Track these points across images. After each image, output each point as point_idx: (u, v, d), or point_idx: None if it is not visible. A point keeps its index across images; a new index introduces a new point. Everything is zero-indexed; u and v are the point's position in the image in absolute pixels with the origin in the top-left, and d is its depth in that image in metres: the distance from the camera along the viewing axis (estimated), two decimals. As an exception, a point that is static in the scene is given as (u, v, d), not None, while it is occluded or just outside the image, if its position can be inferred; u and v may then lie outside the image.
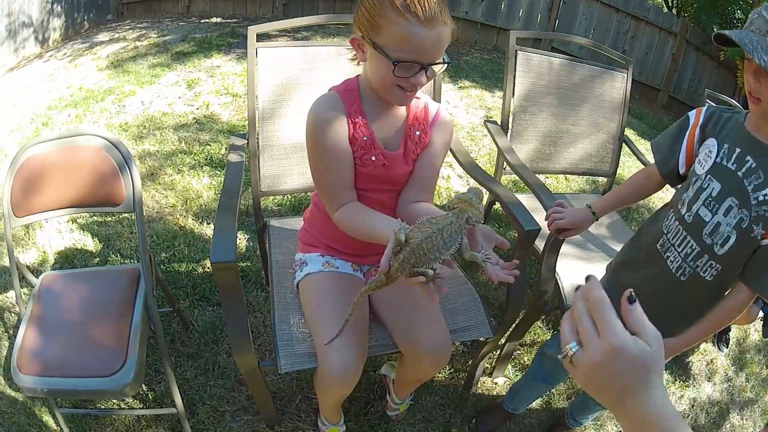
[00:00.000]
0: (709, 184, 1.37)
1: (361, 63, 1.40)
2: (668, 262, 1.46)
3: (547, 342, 1.98)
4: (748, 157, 1.29)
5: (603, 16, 6.55)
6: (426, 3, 1.19)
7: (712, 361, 2.82)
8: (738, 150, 1.32)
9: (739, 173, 1.30)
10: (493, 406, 2.19)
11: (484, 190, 1.22)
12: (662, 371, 0.67)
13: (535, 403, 2.29)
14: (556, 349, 1.87)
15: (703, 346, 2.88)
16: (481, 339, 1.77)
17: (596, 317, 0.67)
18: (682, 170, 1.51)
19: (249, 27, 1.83)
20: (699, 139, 1.46)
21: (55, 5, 5.26)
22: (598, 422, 2.29)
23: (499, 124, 2.39)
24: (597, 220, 1.69)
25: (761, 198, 1.26)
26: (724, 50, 6.44)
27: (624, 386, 0.66)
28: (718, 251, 1.35)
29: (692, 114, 1.50)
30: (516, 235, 1.69)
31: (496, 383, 2.33)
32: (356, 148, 1.42)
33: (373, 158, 1.43)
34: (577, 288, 0.71)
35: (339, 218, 1.43)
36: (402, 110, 1.48)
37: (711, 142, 1.40)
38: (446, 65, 1.33)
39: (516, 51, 2.30)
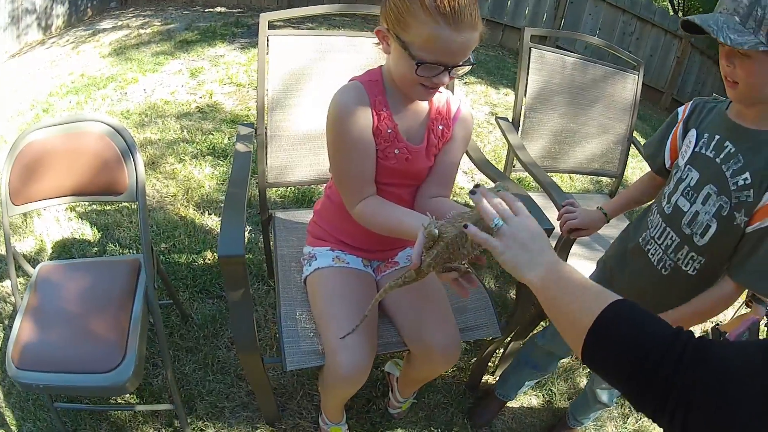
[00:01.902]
0: (687, 174, 1.35)
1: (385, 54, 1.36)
2: (649, 255, 1.44)
3: (539, 332, 1.94)
4: (727, 143, 1.27)
5: (609, 17, 6.53)
6: (457, 5, 1.14)
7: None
8: (717, 137, 1.30)
9: (717, 159, 1.28)
10: (486, 394, 2.18)
11: (505, 186, 1.19)
12: None
13: (536, 402, 2.29)
14: (548, 340, 1.86)
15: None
16: (487, 338, 1.75)
17: (511, 205, 0.98)
18: (667, 164, 1.50)
19: (261, 14, 1.79)
20: (682, 133, 1.45)
21: (58, -8, 5.23)
22: (599, 422, 2.27)
23: (510, 120, 2.36)
24: (608, 222, 1.67)
25: (741, 183, 1.23)
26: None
27: (539, 249, 0.92)
28: (698, 242, 1.32)
29: (680, 109, 1.49)
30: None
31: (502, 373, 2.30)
32: (380, 141, 1.37)
33: (397, 151, 1.39)
34: (473, 191, 1.01)
35: (360, 212, 1.39)
36: (425, 104, 1.44)
37: (691, 133, 1.39)
38: (471, 67, 1.29)
39: (530, 48, 2.27)
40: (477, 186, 1.01)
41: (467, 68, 1.28)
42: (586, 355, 0.80)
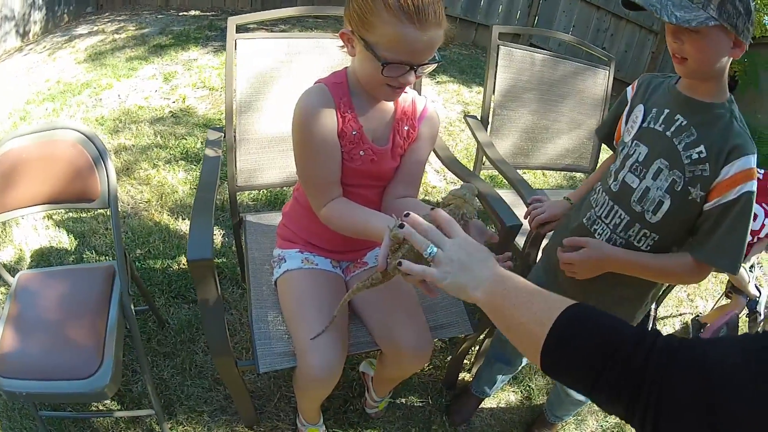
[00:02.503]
0: (635, 150, 1.34)
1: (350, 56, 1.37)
2: (596, 235, 1.41)
3: None
4: (678, 116, 1.26)
5: (583, 14, 6.56)
6: (420, 3, 1.15)
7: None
8: (667, 111, 1.29)
9: (668, 133, 1.27)
10: (462, 392, 2.18)
11: (475, 187, 1.21)
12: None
13: (514, 399, 2.30)
14: None
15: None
16: (461, 336, 1.76)
17: (444, 227, 0.96)
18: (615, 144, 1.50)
19: (229, 18, 1.79)
20: (630, 109, 1.44)
21: (36, -3, 5.17)
22: (579, 417, 2.29)
23: (479, 118, 2.38)
24: None
25: (695, 156, 1.22)
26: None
27: (479, 266, 0.89)
28: (650, 219, 1.31)
29: (628, 88, 1.49)
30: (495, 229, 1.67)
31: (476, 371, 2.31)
32: (345, 143, 1.38)
33: (362, 153, 1.40)
34: (401, 224, 0.99)
35: (327, 214, 1.40)
36: (390, 105, 1.44)
37: (638, 109, 1.38)
38: (436, 65, 1.30)
39: (498, 46, 2.28)
40: (407, 215, 0.99)
41: (433, 66, 1.29)
42: (545, 363, 0.78)
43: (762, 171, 2.82)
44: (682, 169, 1.24)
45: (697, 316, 2.98)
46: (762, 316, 2.67)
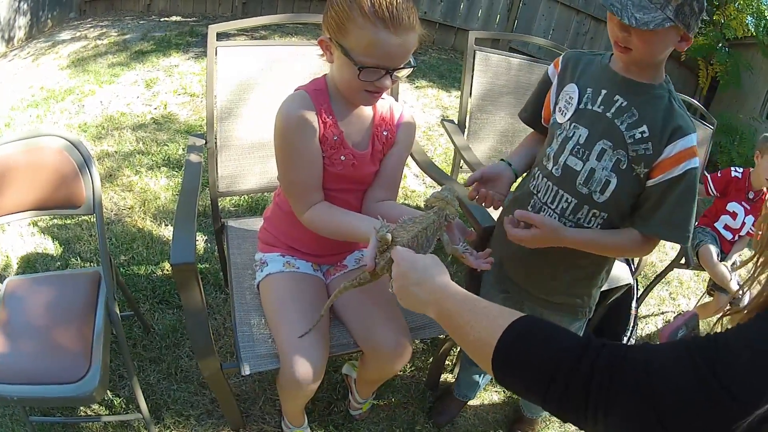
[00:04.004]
0: (574, 132, 1.35)
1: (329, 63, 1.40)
2: None
3: None
4: (617, 97, 1.28)
5: (563, 17, 6.60)
6: (394, 9, 1.19)
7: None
8: (604, 92, 1.31)
9: (608, 114, 1.29)
10: (445, 394, 2.19)
11: (455, 189, 1.26)
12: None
13: (497, 398, 2.32)
14: None
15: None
16: (442, 336, 1.79)
17: (393, 257, 1.07)
18: (544, 123, 1.50)
19: (209, 26, 1.81)
20: (558, 88, 1.44)
21: (21, 3, 5.12)
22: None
23: (456, 123, 2.41)
24: (516, 176, 1.57)
25: (638, 136, 1.25)
26: (685, 50, 6.51)
27: (422, 287, 0.96)
28: (598, 199, 1.33)
29: (550, 67, 1.49)
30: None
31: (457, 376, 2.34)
32: (326, 148, 1.41)
33: (343, 158, 1.43)
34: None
35: (310, 218, 1.43)
36: (369, 110, 1.48)
37: (571, 88, 1.38)
38: (412, 69, 1.33)
39: (474, 51, 2.32)
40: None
41: (408, 71, 1.33)
42: (498, 378, 0.81)
43: (741, 170, 2.88)
44: (625, 149, 1.27)
45: (679, 314, 3.00)
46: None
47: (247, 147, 1.96)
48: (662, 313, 3.16)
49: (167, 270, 2.55)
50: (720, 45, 6.34)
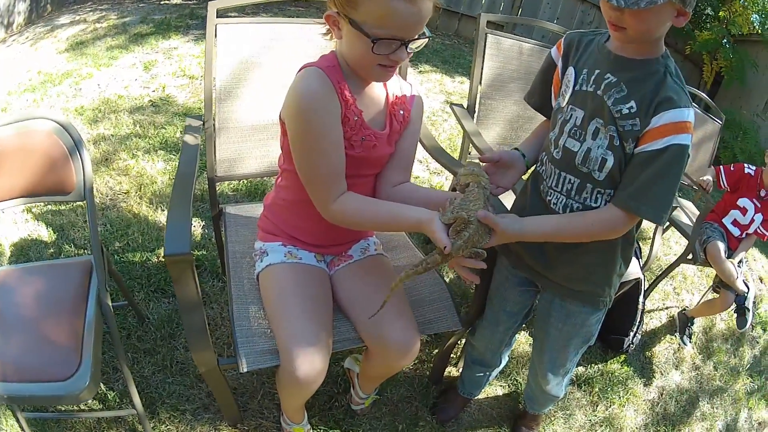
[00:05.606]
0: (572, 115, 1.33)
1: (335, 39, 1.31)
2: (551, 205, 1.40)
3: (469, 331, 1.89)
4: (608, 75, 1.25)
5: (568, 6, 6.54)
6: None
7: (679, 349, 2.85)
8: (597, 71, 1.28)
9: (599, 92, 1.26)
10: (449, 390, 2.15)
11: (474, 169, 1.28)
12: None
13: (501, 393, 2.28)
14: (478, 337, 1.85)
15: (668, 335, 2.90)
16: (449, 331, 1.72)
17: None
18: (554, 107, 1.46)
19: (209, 2, 1.72)
20: (562, 71, 1.41)
21: (21, -12, 5.07)
22: (567, 412, 2.29)
23: (465, 107, 2.33)
24: (528, 168, 1.55)
25: (625, 111, 1.22)
26: (690, 44, 6.52)
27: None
28: (598, 176, 1.30)
29: (553, 50, 1.46)
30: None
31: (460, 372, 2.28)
32: (346, 129, 1.31)
33: (363, 139, 1.34)
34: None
35: (340, 209, 1.31)
36: (381, 88, 1.40)
37: (569, 72, 1.36)
38: (427, 40, 1.25)
39: (486, 34, 2.24)
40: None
41: (423, 42, 1.25)
42: None
43: (754, 168, 2.85)
44: (614, 124, 1.24)
45: (684, 309, 2.98)
46: (750, 313, 2.67)
47: (248, 129, 1.87)
48: (666, 308, 3.13)
49: (162, 257, 2.47)
50: (725, 41, 6.35)
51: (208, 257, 2.53)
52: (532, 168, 1.57)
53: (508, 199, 1.63)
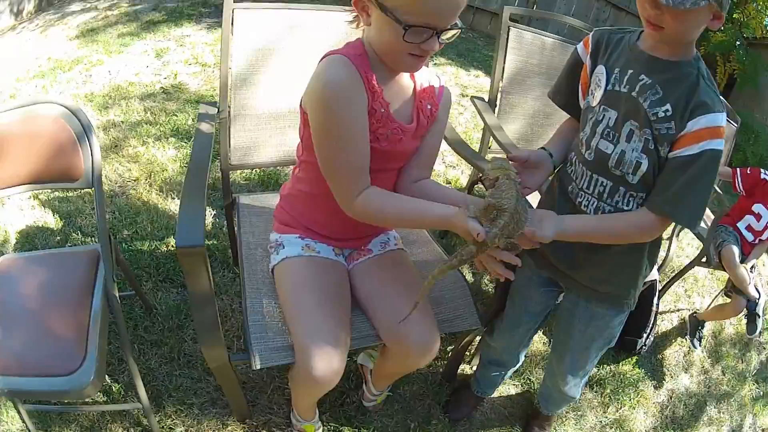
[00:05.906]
0: (604, 115, 1.30)
1: (361, 27, 1.26)
2: (582, 207, 1.37)
3: (486, 331, 1.86)
4: (642, 76, 1.23)
5: (583, 3, 6.47)
6: None
7: (689, 352, 2.82)
8: (630, 71, 1.25)
9: (633, 93, 1.24)
10: (462, 389, 2.12)
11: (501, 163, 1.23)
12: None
13: (514, 392, 2.26)
14: (495, 337, 1.82)
15: (678, 337, 2.87)
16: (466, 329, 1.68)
17: None
18: (582, 105, 1.43)
19: (227, -12, 1.67)
20: (591, 69, 1.38)
21: (32, -24, 5.04)
22: (579, 413, 2.26)
23: (487, 101, 2.27)
24: (555, 167, 1.51)
25: (661, 114, 1.20)
26: (704, 44, 6.47)
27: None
28: (632, 180, 1.28)
29: (580, 46, 1.42)
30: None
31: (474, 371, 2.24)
32: (372, 122, 1.25)
33: (389, 132, 1.28)
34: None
35: (363, 206, 1.25)
36: (409, 79, 1.34)
37: (600, 70, 1.33)
38: (459, 31, 1.19)
39: (509, 27, 2.18)
40: None
41: (456, 33, 1.19)
42: None
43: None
44: (650, 128, 1.21)
45: (695, 312, 2.95)
46: (761, 319, 2.63)
47: (265, 117, 1.82)
48: (678, 310, 3.10)
49: (172, 246, 2.43)
50: (738, 43, 6.30)
51: (219, 247, 2.48)
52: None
53: (533, 200, 1.59)
